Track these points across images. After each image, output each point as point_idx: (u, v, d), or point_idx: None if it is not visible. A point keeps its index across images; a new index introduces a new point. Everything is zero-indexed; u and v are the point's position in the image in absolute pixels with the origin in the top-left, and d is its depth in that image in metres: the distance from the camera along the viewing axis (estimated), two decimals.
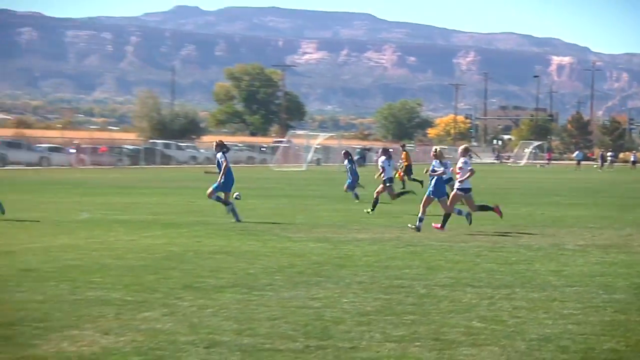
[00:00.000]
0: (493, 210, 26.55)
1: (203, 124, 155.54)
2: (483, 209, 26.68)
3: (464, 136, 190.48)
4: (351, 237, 23.11)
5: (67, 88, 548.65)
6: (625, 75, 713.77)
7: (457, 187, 25.80)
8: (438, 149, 27.28)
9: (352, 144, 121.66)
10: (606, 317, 12.70)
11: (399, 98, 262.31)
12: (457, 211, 25.90)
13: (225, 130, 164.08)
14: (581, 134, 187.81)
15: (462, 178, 25.49)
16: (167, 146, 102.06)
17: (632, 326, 12.05)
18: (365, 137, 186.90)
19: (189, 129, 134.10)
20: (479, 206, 26.52)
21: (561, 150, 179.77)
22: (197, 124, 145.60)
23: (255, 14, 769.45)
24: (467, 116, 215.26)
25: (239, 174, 38.88)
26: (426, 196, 26.31)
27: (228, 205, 27.92)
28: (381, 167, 34.73)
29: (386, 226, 26.65)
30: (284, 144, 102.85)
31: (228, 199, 28.09)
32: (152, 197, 38.62)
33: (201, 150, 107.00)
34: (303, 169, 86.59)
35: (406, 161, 47.23)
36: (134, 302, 13.22)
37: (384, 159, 35.00)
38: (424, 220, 25.51)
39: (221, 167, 27.95)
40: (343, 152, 39.33)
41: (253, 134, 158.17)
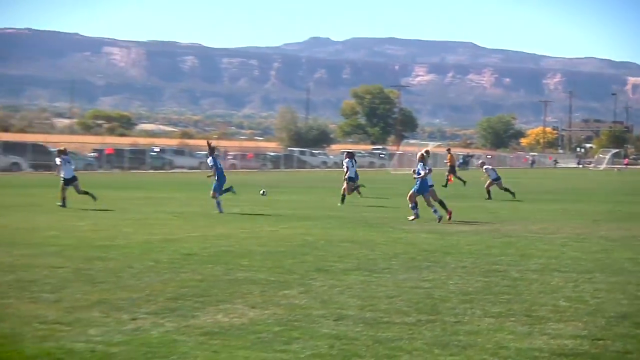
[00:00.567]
0: (446, 210, 26.08)
1: (332, 135, 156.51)
2: (441, 204, 26.38)
3: (552, 145, 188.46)
4: (455, 229, 22.86)
5: (221, 105, 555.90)
6: None
7: (429, 184, 26.15)
8: (423, 153, 26.85)
9: (456, 151, 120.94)
10: None
11: (496, 113, 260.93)
12: (433, 209, 25.77)
13: (350, 140, 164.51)
14: None
15: (419, 177, 25.77)
16: (302, 153, 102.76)
17: None
18: (468, 146, 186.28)
19: (321, 138, 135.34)
20: (439, 201, 26.49)
21: (635, 156, 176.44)
22: (327, 134, 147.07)
23: (375, 43, 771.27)
24: (554, 128, 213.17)
25: (362, 176, 38.77)
26: (411, 192, 26.17)
27: (221, 195, 28.13)
28: (345, 167, 35.03)
29: (485, 221, 26.26)
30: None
31: (220, 194, 28.12)
32: (291, 195, 38.72)
33: (330, 157, 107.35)
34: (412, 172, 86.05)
35: (450, 162, 47.05)
36: (275, 281, 13.19)
37: (348, 160, 35.45)
38: (417, 208, 25.76)
39: (216, 168, 28.25)
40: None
41: (373, 143, 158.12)
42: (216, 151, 29.54)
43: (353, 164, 35.34)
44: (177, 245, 17.75)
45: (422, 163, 26.02)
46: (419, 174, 25.77)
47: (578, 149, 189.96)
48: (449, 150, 54.99)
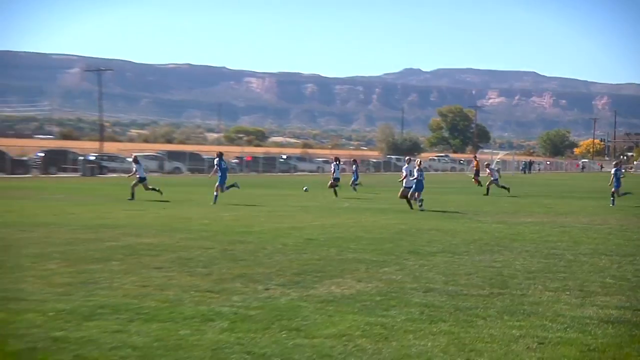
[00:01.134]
0: (409, 203, 26.62)
1: (422, 145, 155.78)
2: (408, 200, 26.85)
3: (600, 153, 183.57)
4: (521, 221, 22.50)
5: (334, 122, 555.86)
6: None
7: (405, 185, 26.78)
8: (420, 161, 28.55)
9: (520, 159, 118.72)
10: None
11: (553, 128, 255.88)
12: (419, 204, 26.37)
13: (436, 149, 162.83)
14: None
15: (404, 179, 26.97)
16: (398, 160, 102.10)
17: None
18: (531, 154, 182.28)
19: (412, 148, 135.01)
20: (406, 197, 26.88)
21: None
22: (418, 145, 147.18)
23: (457, 73, 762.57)
24: (602, 140, 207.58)
25: (442, 178, 38.36)
26: (411, 192, 26.61)
27: (221, 191, 28.52)
28: (333, 169, 36.11)
29: (545, 213, 25.85)
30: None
31: (222, 190, 28.62)
32: (387, 192, 38.50)
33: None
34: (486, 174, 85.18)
35: (476, 167, 46.11)
36: (377, 261, 13.19)
37: (335, 163, 36.45)
38: (422, 200, 26.46)
39: (219, 168, 28.79)
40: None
41: (455, 152, 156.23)
42: (223, 157, 30.18)
43: (338, 167, 36.24)
44: (300, 232, 17.87)
45: (419, 169, 26.97)
46: (413, 175, 26.63)
47: (621, 157, 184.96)
48: (475, 157, 54.12)
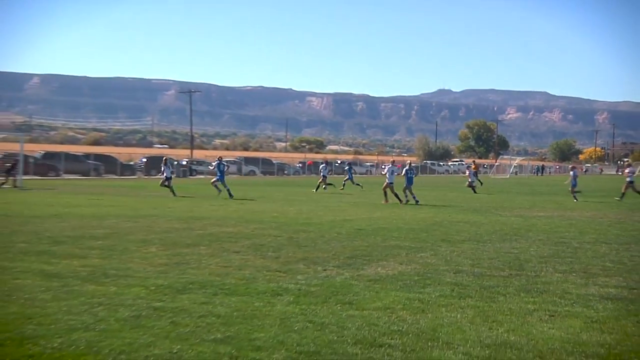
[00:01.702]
0: (386, 198, 26.59)
1: (452, 152, 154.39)
2: (385, 194, 26.78)
3: (600, 159, 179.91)
4: (534, 215, 22.18)
5: (380, 133, 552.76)
6: None
7: (388, 182, 26.40)
8: (410, 164, 28.11)
9: (532, 163, 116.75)
10: None
11: (562, 138, 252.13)
12: (414, 198, 26.43)
13: (463, 156, 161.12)
14: None
15: (387, 175, 26.50)
16: (432, 164, 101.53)
17: None
18: (543, 160, 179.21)
19: (444, 155, 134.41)
20: (386, 193, 26.78)
21: None
22: (449, 152, 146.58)
23: (481, 93, 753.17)
24: (602, 148, 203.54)
25: (462, 178, 37.97)
26: (404, 186, 26.71)
27: (221, 189, 28.80)
28: (321, 169, 36.49)
29: (556, 209, 25.39)
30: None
31: (224, 185, 28.84)
32: (423, 191, 38.25)
33: (450, 166, 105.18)
34: (507, 177, 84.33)
35: (475, 169, 45.19)
36: (415, 247, 13.10)
37: (324, 165, 36.79)
38: (414, 195, 26.48)
39: (218, 169, 29.08)
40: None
41: (480, 158, 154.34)
42: (223, 160, 30.94)
43: (326, 168, 36.70)
44: (352, 223, 17.84)
45: (408, 168, 27.18)
46: (394, 174, 26.94)
47: (619, 162, 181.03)
48: (474, 161, 53.39)
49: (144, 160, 60.65)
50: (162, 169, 30.65)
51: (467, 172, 39.84)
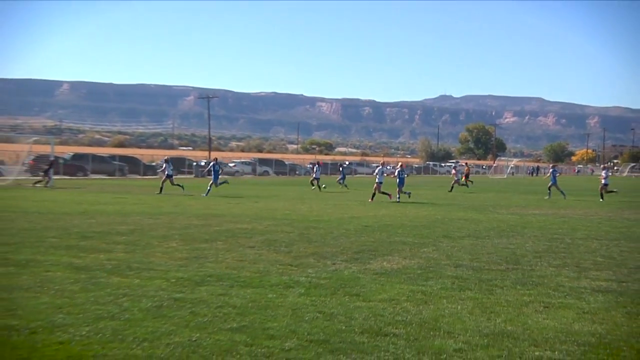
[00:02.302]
0: (373, 196, 26.66)
1: (453, 154, 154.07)
2: (373, 194, 26.93)
3: (592, 160, 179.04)
4: (530, 212, 22.10)
5: (385, 136, 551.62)
6: None
7: (378, 181, 26.66)
8: (401, 166, 28.21)
9: (528, 164, 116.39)
10: None
11: (556, 141, 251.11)
12: (407, 194, 27.19)
13: (464, 157, 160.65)
14: None
15: (377, 175, 26.80)
16: (434, 165, 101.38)
17: None
18: (537, 161, 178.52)
19: (445, 156, 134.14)
20: (377, 192, 26.85)
21: None
22: (450, 154, 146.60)
23: (480, 99, 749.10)
24: (593, 150, 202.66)
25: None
26: (398, 187, 26.95)
27: (211, 187, 28.95)
28: (314, 169, 36.32)
29: (550, 207, 25.29)
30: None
31: (216, 186, 29.04)
32: (426, 190, 38.26)
33: (450, 165, 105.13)
34: (504, 177, 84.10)
35: (467, 171, 44.97)
36: (418, 243, 13.08)
37: (317, 166, 36.60)
38: (399, 195, 26.70)
39: (213, 170, 29.27)
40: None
41: (479, 159, 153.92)
42: (218, 160, 31.19)
43: (318, 169, 36.24)
44: (359, 220, 17.84)
45: (400, 170, 27.43)
46: (384, 174, 27.65)
47: (609, 162, 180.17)
48: (466, 163, 53.59)
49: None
50: (164, 166, 30.85)
51: (454, 172, 39.84)
